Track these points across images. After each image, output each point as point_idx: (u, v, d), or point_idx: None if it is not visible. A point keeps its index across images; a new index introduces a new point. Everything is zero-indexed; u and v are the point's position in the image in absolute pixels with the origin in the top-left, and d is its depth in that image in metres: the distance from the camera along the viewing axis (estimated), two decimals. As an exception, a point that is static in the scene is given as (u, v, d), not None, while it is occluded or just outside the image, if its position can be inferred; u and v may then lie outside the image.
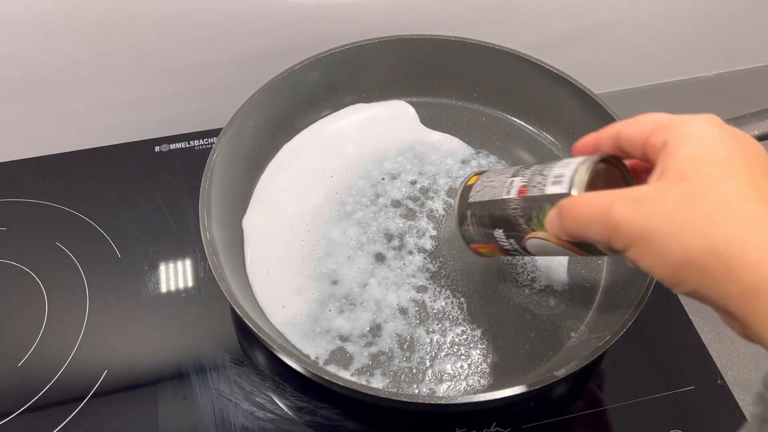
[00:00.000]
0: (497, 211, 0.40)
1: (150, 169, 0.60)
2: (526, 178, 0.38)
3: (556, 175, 0.36)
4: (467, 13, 0.64)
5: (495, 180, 0.41)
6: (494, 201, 0.40)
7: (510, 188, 0.39)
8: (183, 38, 0.59)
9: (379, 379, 0.46)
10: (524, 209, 0.38)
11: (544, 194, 0.36)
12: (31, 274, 0.53)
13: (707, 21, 0.71)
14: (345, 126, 0.61)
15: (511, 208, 0.39)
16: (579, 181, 0.35)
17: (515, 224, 0.39)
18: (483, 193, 0.42)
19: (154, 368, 0.48)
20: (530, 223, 0.38)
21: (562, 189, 0.35)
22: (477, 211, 0.42)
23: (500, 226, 0.40)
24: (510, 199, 0.39)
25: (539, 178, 0.37)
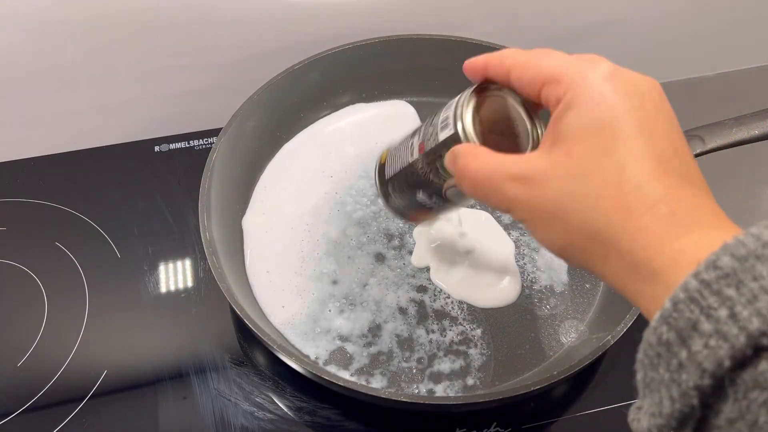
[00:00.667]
0: (410, 176, 0.39)
1: (150, 169, 0.60)
2: (421, 133, 0.38)
3: (442, 119, 0.35)
4: (467, 13, 0.64)
5: (400, 147, 0.41)
6: (404, 167, 0.40)
7: (412, 150, 0.39)
8: (183, 38, 0.59)
9: (379, 379, 0.46)
10: (428, 164, 0.37)
11: (439, 142, 0.35)
12: (31, 274, 0.53)
13: (707, 21, 0.71)
14: (345, 126, 0.61)
15: (418, 168, 0.38)
16: (461, 120, 0.33)
17: (428, 182, 0.38)
18: (394, 165, 0.41)
19: (153, 368, 0.48)
20: (439, 176, 0.37)
21: (450, 131, 0.34)
22: (396, 184, 0.42)
23: (418, 189, 0.39)
24: (415, 159, 0.38)
25: (431, 129, 0.36)
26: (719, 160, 0.49)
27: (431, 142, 0.36)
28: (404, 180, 0.40)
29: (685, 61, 0.75)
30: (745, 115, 0.46)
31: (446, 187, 0.37)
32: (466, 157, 0.31)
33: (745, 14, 0.72)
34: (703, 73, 0.76)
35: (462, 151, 0.32)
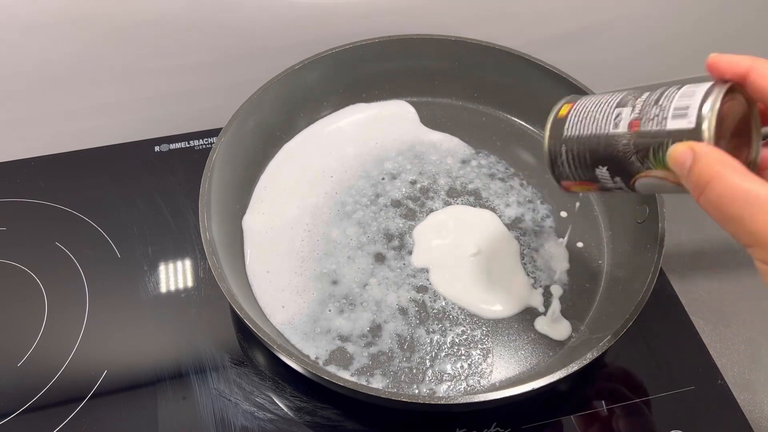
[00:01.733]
0: (602, 148, 0.35)
1: (150, 169, 0.60)
2: (636, 109, 0.34)
3: (677, 107, 0.32)
4: (467, 13, 0.64)
5: (595, 110, 0.37)
6: (598, 136, 0.35)
7: (618, 121, 0.35)
8: (183, 38, 0.59)
9: (379, 379, 0.46)
10: (638, 145, 0.33)
11: (665, 129, 0.32)
12: (31, 274, 0.53)
13: (707, 21, 0.71)
14: (345, 126, 0.61)
15: (621, 144, 0.34)
16: (709, 118, 0.31)
17: (625, 162, 0.35)
18: (582, 126, 0.37)
19: (153, 368, 0.48)
20: (645, 161, 0.33)
21: (688, 123, 0.31)
22: (575, 147, 0.37)
23: (605, 164, 0.36)
24: (619, 134, 0.34)
25: (655, 110, 0.33)
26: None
27: (653, 124, 0.33)
28: (590, 148, 0.36)
29: (685, 61, 0.75)
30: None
31: (643, 175, 0.34)
32: (722, 170, 0.29)
33: (745, 14, 0.72)
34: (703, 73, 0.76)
35: (713, 159, 0.30)
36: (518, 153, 0.60)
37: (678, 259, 0.56)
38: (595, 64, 0.69)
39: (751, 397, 0.48)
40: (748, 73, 0.32)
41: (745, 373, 0.50)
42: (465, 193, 0.57)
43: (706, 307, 0.53)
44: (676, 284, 0.54)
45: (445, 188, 0.57)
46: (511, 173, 0.58)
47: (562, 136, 0.38)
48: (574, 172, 0.39)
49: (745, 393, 0.48)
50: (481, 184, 0.57)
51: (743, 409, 0.47)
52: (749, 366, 0.50)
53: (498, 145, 0.61)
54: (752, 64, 0.32)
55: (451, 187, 0.57)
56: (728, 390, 0.48)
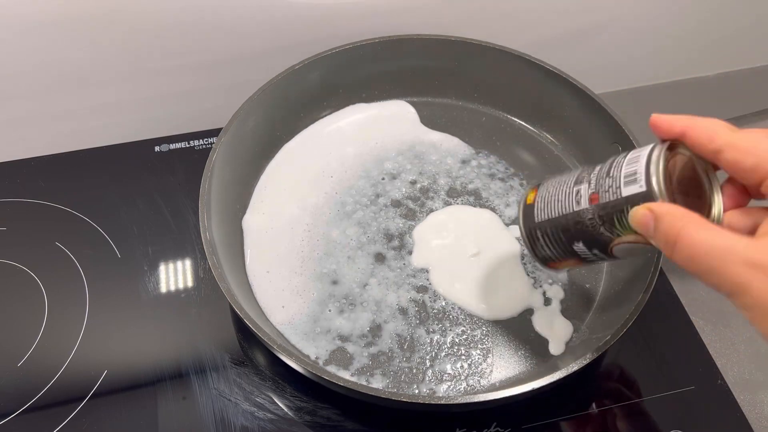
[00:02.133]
0: (572, 225, 0.37)
1: (150, 169, 0.60)
2: (592, 183, 0.36)
3: (627, 173, 0.34)
4: (467, 13, 0.64)
5: (557, 192, 0.39)
6: (566, 215, 0.38)
7: (579, 198, 0.37)
8: (183, 38, 0.59)
9: (379, 379, 0.46)
10: (603, 217, 0.35)
11: (622, 197, 0.34)
12: (31, 274, 0.53)
13: (707, 21, 0.71)
14: (345, 126, 0.61)
15: (587, 219, 0.36)
16: (656, 176, 0.32)
17: (596, 234, 0.36)
18: (549, 210, 0.39)
19: (153, 368, 0.48)
20: (614, 230, 0.35)
21: (640, 187, 0.33)
22: (548, 230, 0.39)
23: (579, 240, 0.38)
24: (583, 210, 0.36)
25: (608, 181, 0.35)
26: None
27: (610, 194, 0.34)
28: (562, 228, 0.38)
29: (685, 61, 0.75)
30: (745, 115, 0.46)
31: (616, 242, 0.36)
32: (685, 226, 0.30)
33: (745, 14, 0.72)
34: (703, 73, 0.76)
35: (673, 216, 0.31)
36: (518, 153, 0.60)
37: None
38: (595, 64, 0.69)
39: (751, 397, 0.48)
40: (685, 133, 0.34)
41: (745, 373, 0.50)
42: (465, 193, 0.57)
43: (706, 307, 0.53)
44: (676, 284, 0.54)
45: (445, 188, 0.57)
46: (511, 173, 0.58)
47: (535, 222, 0.40)
48: (554, 252, 0.40)
49: (745, 393, 0.48)
50: (481, 184, 0.57)
51: (743, 409, 0.47)
52: (749, 366, 0.50)
53: (498, 145, 0.61)
54: (688, 124, 0.34)
55: (451, 187, 0.57)
56: (728, 390, 0.48)
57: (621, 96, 0.71)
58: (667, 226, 0.31)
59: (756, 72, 0.77)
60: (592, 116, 0.56)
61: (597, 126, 0.56)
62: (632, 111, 0.57)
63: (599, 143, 0.56)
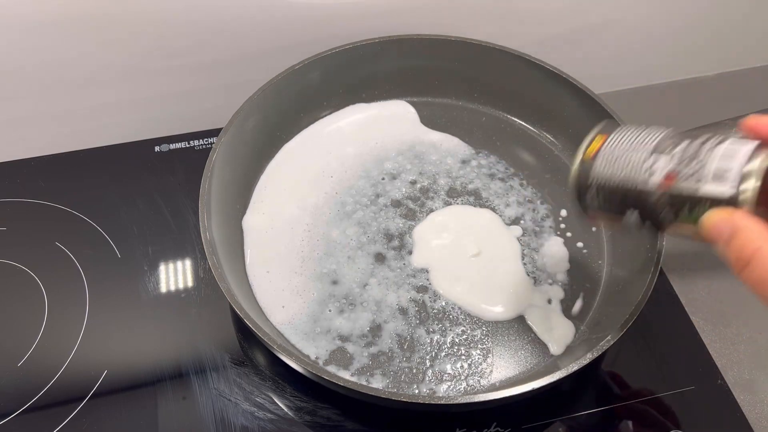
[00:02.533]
0: (634, 194, 0.34)
1: (150, 169, 0.60)
2: (674, 160, 0.33)
3: (717, 168, 0.31)
4: (467, 13, 0.64)
5: (629, 151, 0.35)
6: (631, 182, 0.34)
7: (652, 170, 0.33)
8: (183, 38, 0.59)
9: (379, 379, 0.46)
10: (673, 201, 0.33)
11: (703, 190, 0.31)
12: (31, 274, 0.53)
13: (707, 21, 0.71)
14: (345, 126, 0.61)
15: (654, 196, 0.33)
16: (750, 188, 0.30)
17: (657, 212, 0.34)
18: (615, 168, 0.35)
19: (153, 368, 0.48)
20: (678, 216, 0.33)
21: (728, 190, 0.30)
22: (606, 187, 0.36)
23: (635, 209, 0.35)
24: (653, 185, 0.33)
25: (693, 166, 0.32)
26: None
27: (690, 182, 0.32)
28: (623, 192, 0.35)
29: (685, 61, 0.75)
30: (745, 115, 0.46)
31: (675, 227, 0.34)
32: (762, 247, 0.28)
33: (745, 14, 0.72)
34: (703, 73, 0.76)
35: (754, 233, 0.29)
36: (518, 153, 0.60)
37: (678, 259, 0.56)
38: (595, 64, 0.69)
39: (751, 397, 0.48)
40: None
41: (745, 373, 0.50)
42: (465, 193, 0.57)
43: (706, 307, 0.53)
44: (676, 284, 0.54)
45: (445, 188, 0.57)
46: (511, 173, 0.58)
47: (592, 174, 0.37)
48: (603, 206, 0.37)
49: (745, 393, 0.48)
50: (481, 184, 0.57)
51: (743, 409, 0.47)
52: (749, 366, 0.50)
53: (498, 145, 0.61)
54: None
55: (451, 187, 0.57)
56: (728, 390, 0.48)
57: (621, 96, 0.71)
58: (744, 242, 0.29)
59: (756, 72, 0.77)
60: (592, 116, 0.56)
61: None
62: (632, 111, 0.57)
63: (599, 143, 0.56)
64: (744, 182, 0.30)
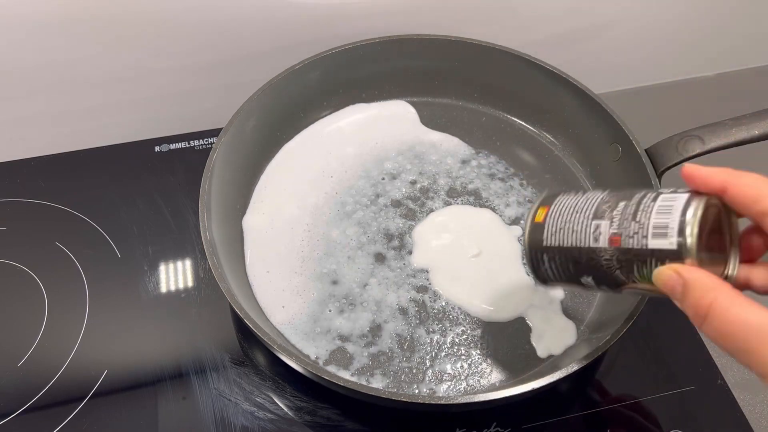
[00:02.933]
0: (585, 260, 0.35)
1: (150, 169, 0.60)
2: (615, 223, 0.33)
3: (656, 224, 0.31)
4: (467, 13, 0.64)
5: (572, 220, 0.36)
6: (579, 249, 0.35)
7: (597, 235, 0.34)
8: (183, 38, 0.59)
9: (379, 379, 0.46)
10: (621, 262, 0.33)
11: (647, 248, 0.32)
12: (31, 274, 0.53)
13: (707, 21, 0.71)
14: (345, 126, 0.61)
15: (603, 260, 0.34)
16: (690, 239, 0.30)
17: (610, 275, 0.34)
18: (561, 237, 0.36)
19: (153, 368, 0.48)
20: (630, 276, 0.33)
21: (669, 244, 0.31)
22: (557, 258, 0.37)
23: (590, 275, 0.36)
24: (601, 248, 0.34)
25: (634, 226, 0.32)
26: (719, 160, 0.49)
27: (633, 242, 0.32)
28: (573, 260, 0.36)
29: (685, 61, 0.75)
30: (745, 115, 0.46)
31: (629, 286, 0.34)
32: (717, 298, 0.29)
33: (745, 14, 0.72)
34: (703, 73, 0.76)
35: (704, 286, 0.29)
36: (518, 153, 0.60)
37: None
38: (595, 64, 0.69)
39: (751, 397, 0.48)
40: (725, 189, 0.32)
41: (745, 373, 0.50)
42: (465, 193, 0.57)
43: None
44: (676, 284, 0.54)
45: (445, 188, 0.57)
46: (511, 173, 0.58)
47: (543, 245, 0.37)
48: (558, 277, 0.38)
49: (745, 393, 0.48)
50: (481, 184, 0.57)
51: (743, 409, 0.47)
52: (749, 366, 0.50)
53: (498, 145, 0.61)
54: (727, 179, 0.32)
55: (451, 187, 0.57)
56: (728, 390, 0.48)
57: (621, 96, 0.71)
58: (698, 296, 0.29)
59: (756, 72, 0.77)
60: (592, 116, 0.56)
61: (597, 126, 0.56)
62: (632, 111, 0.57)
63: (599, 143, 0.56)
64: (683, 233, 0.30)
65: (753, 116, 0.46)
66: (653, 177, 0.49)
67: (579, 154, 0.59)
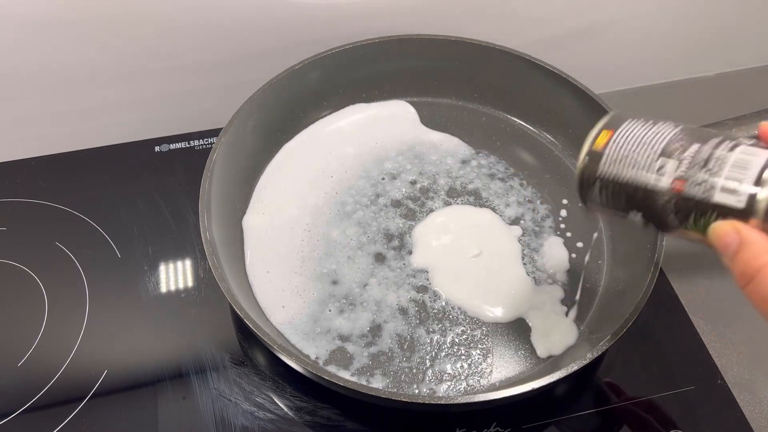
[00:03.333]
0: (640, 196, 0.33)
1: (150, 169, 0.60)
2: (683, 165, 0.31)
3: (728, 178, 0.30)
4: (467, 13, 0.64)
5: (636, 152, 0.33)
6: (638, 184, 0.33)
7: (661, 173, 0.32)
8: (183, 38, 0.59)
9: (379, 379, 0.46)
10: (680, 207, 0.32)
11: (712, 201, 0.30)
12: (31, 274, 0.53)
13: (707, 21, 0.71)
14: (345, 126, 0.61)
15: (661, 201, 0.32)
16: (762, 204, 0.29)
17: (663, 216, 0.33)
18: (622, 167, 0.34)
19: (153, 368, 0.48)
20: (684, 223, 0.32)
21: (737, 202, 0.29)
22: (612, 186, 0.34)
23: (641, 210, 0.34)
24: (661, 189, 0.32)
25: (703, 174, 0.31)
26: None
27: (699, 190, 0.31)
28: (628, 193, 0.34)
29: (685, 61, 0.75)
30: (745, 115, 0.46)
31: (680, 233, 0.33)
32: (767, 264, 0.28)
33: (745, 14, 0.72)
34: (703, 73, 0.76)
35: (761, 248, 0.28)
36: (518, 153, 0.60)
37: (678, 259, 0.56)
38: (595, 64, 0.69)
39: (751, 397, 0.48)
40: None
41: (745, 373, 0.50)
42: (465, 193, 0.57)
43: (706, 307, 0.53)
44: (676, 284, 0.54)
45: (445, 188, 0.57)
46: (511, 173, 0.58)
47: (598, 171, 0.35)
48: (605, 203, 0.36)
49: (745, 393, 0.48)
50: (481, 184, 0.57)
51: (743, 409, 0.47)
52: (749, 366, 0.50)
53: (498, 145, 0.61)
54: None
55: (451, 187, 0.57)
56: (728, 390, 0.48)
57: (621, 96, 0.71)
58: (750, 257, 0.29)
59: (756, 72, 0.77)
60: (592, 116, 0.55)
61: (597, 126, 0.55)
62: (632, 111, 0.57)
63: (599, 143, 0.56)
64: (757, 195, 0.29)
65: (753, 116, 0.46)
66: (653, 177, 0.49)
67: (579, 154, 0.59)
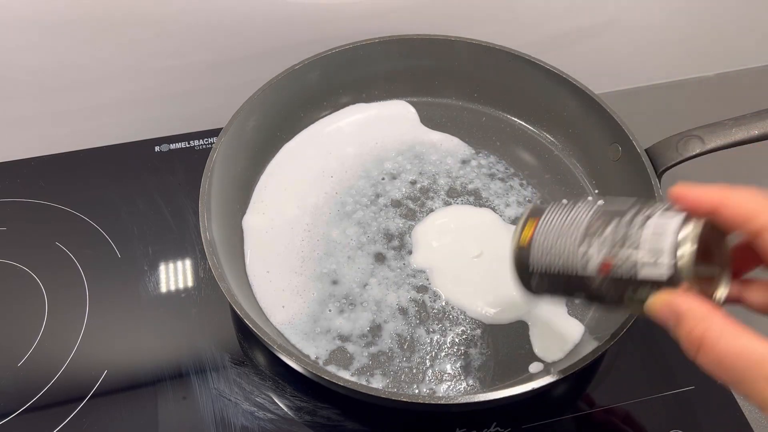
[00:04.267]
0: (575, 283, 0.34)
1: (150, 169, 0.60)
2: (604, 249, 0.32)
3: (651, 249, 0.30)
4: (467, 13, 0.64)
5: (558, 243, 0.34)
6: (568, 272, 0.34)
7: (587, 260, 0.33)
8: (183, 38, 0.59)
9: (379, 379, 0.46)
10: (615, 286, 0.32)
11: (638, 278, 0.31)
12: (31, 274, 0.53)
13: (707, 21, 0.71)
14: (345, 126, 0.61)
15: (593, 286, 0.33)
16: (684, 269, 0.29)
17: (601, 299, 0.33)
18: (551, 256, 0.35)
19: (153, 368, 0.48)
20: (622, 302, 0.32)
21: (660, 275, 0.30)
22: (548, 275, 0.35)
23: (579, 294, 0.35)
24: (591, 275, 0.33)
25: (624, 252, 0.31)
26: (719, 160, 0.49)
27: (624, 270, 0.31)
28: (565, 281, 0.34)
29: (685, 61, 0.75)
30: (745, 115, 0.46)
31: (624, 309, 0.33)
32: (709, 329, 0.28)
33: (745, 14, 0.72)
34: (703, 73, 0.76)
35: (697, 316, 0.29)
36: (518, 153, 0.60)
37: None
38: (595, 64, 0.69)
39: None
40: (717, 208, 0.30)
41: (745, 373, 0.50)
42: (465, 193, 0.57)
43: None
44: (676, 284, 0.54)
45: (445, 188, 0.57)
46: (511, 173, 0.59)
47: (531, 263, 0.36)
48: (550, 291, 0.37)
49: (745, 393, 0.48)
50: (481, 184, 0.57)
51: (743, 409, 0.47)
52: (749, 366, 0.50)
53: (498, 145, 0.61)
54: (721, 200, 0.30)
55: (451, 187, 0.57)
56: (728, 390, 0.48)
57: (621, 96, 0.71)
58: (689, 328, 0.29)
59: (756, 72, 0.77)
60: (592, 116, 0.56)
61: (597, 126, 0.56)
62: (632, 111, 0.57)
63: (599, 143, 0.56)
64: (677, 263, 0.30)
65: (753, 116, 0.46)
66: (653, 177, 0.49)
67: (579, 154, 0.59)
